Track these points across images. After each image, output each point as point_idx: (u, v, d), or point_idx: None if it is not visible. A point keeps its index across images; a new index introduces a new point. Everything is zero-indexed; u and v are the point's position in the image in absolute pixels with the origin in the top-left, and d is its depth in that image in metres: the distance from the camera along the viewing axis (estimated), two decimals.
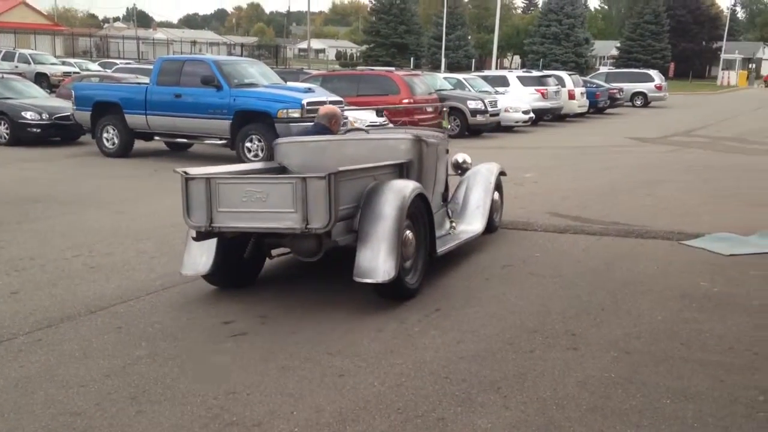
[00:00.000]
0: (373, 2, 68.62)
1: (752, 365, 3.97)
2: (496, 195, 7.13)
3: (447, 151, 6.63)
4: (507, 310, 4.94)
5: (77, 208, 8.47)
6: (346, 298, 5.20)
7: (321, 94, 12.78)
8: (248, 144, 11.88)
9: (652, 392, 3.65)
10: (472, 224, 6.61)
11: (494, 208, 7.05)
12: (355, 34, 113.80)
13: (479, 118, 17.73)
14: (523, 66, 58.85)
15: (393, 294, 5.00)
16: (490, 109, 18.02)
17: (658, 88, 32.37)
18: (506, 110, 19.05)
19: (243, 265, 5.32)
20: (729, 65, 64.03)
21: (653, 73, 33.72)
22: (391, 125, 12.56)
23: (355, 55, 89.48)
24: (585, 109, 24.72)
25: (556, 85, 22.65)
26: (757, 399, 3.57)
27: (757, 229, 7.16)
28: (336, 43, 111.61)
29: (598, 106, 26.52)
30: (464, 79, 21.18)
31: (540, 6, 76.96)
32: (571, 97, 23.29)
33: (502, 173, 7.31)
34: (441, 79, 20.02)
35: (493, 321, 4.72)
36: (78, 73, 26.21)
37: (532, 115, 19.83)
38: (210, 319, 4.79)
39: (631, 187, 10.22)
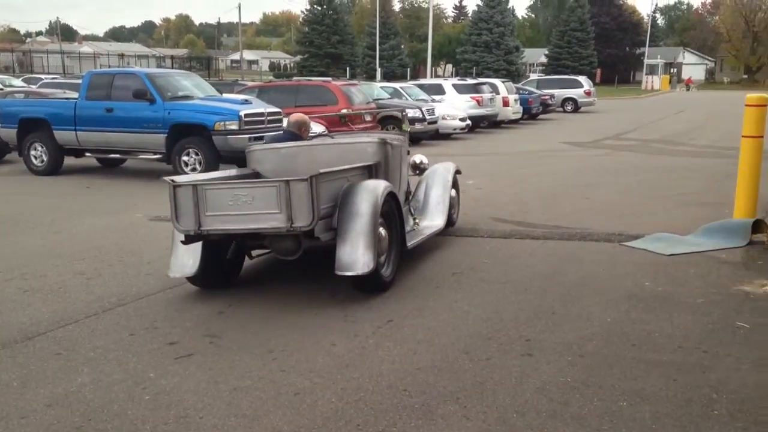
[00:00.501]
0: (305, 13, 68.50)
1: (702, 363, 4.05)
2: (453, 192, 7.55)
3: (408, 153, 7.03)
4: (460, 318, 4.91)
5: (6, 228, 8.05)
6: (296, 313, 5.08)
7: (258, 106, 12.59)
8: (185, 158, 11.58)
9: (609, 395, 3.67)
10: (434, 220, 7.07)
11: (452, 204, 7.50)
12: (288, 44, 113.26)
13: (417, 126, 17.84)
14: (456, 74, 59.64)
15: (371, 286, 5.33)
16: (427, 117, 18.15)
17: (587, 93, 33.34)
18: (443, 118, 19.22)
19: (225, 266, 5.65)
20: (652, 70, 66.58)
21: (582, 79, 34.69)
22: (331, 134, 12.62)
23: (289, 66, 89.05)
24: (519, 116, 25.22)
25: (491, 92, 23.02)
26: (711, 397, 3.63)
27: (691, 228, 7.38)
28: (269, 54, 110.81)
29: (532, 112, 27.11)
30: (401, 87, 21.30)
31: (470, 15, 78.43)
32: (506, 104, 23.72)
33: (457, 171, 7.73)
34: (378, 88, 20.06)
35: (447, 330, 4.69)
36: (1, 89, 25.09)
37: (468, 122, 20.07)
38: (154, 341, 4.60)
39: (570, 191, 10.43)
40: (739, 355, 4.14)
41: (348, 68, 59.57)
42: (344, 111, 11.10)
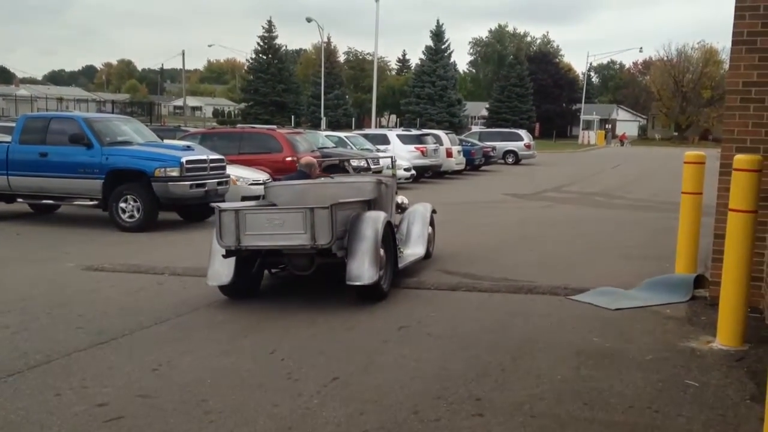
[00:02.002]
0: (250, 61, 68.75)
1: (654, 424, 3.98)
2: (430, 229, 8.95)
3: (396, 192, 8.65)
4: (408, 375, 4.75)
5: None
6: (236, 371, 4.83)
7: (200, 152, 12.36)
8: (122, 204, 11.20)
9: None
10: (416, 249, 8.51)
11: (429, 239, 8.91)
12: (232, 92, 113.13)
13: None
14: (400, 125, 60.49)
15: (373, 295, 6.72)
16: (372, 166, 18.15)
17: (527, 146, 34.21)
18: (388, 167, 19.26)
19: (251, 279, 7.00)
20: (588, 125, 69.05)
21: (522, 132, 35.66)
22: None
23: (233, 113, 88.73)
24: (462, 167, 25.60)
25: (435, 143, 23.34)
26: None
27: (634, 282, 7.45)
28: (213, 101, 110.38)
29: (474, 163, 27.57)
30: (345, 137, 21.36)
31: (413, 68, 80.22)
32: (449, 155, 24.05)
33: (433, 211, 9.17)
34: (323, 137, 20.07)
35: (395, 388, 4.51)
36: None
37: (413, 172, 20.22)
38: (82, 402, 4.27)
39: (515, 242, 10.51)
40: (690, 414, 4.10)
41: (293, 116, 59.78)
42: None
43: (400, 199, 8.85)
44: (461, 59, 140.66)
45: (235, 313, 6.37)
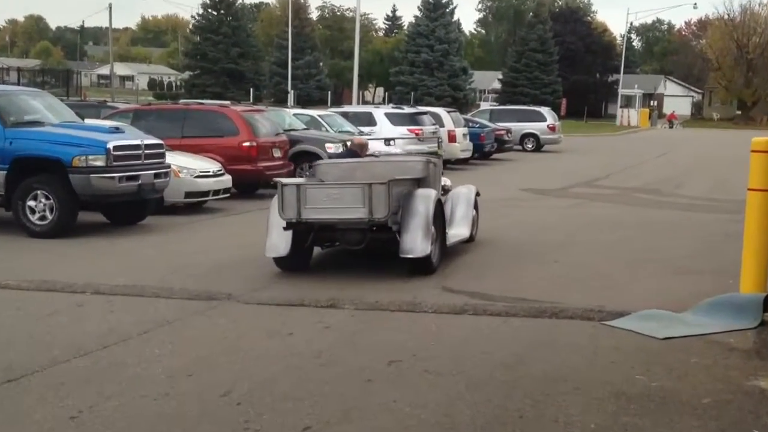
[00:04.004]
0: (197, 19, 68.56)
1: None
2: (473, 212, 10.81)
3: (442, 173, 10.59)
4: (400, 424, 4.75)
5: None
6: (174, 420, 4.79)
7: (133, 136, 12.31)
8: (31, 203, 11.13)
9: None
10: (461, 230, 10.39)
11: (473, 222, 10.76)
12: (173, 57, 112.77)
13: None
14: (389, 100, 60.47)
15: (424, 268, 8.78)
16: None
17: (551, 128, 34.36)
18: (374, 155, 19.27)
19: (304, 253, 9.15)
20: (628, 102, 69.33)
21: (545, 111, 35.80)
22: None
23: (174, 84, 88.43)
24: (469, 154, 25.66)
25: (433, 124, 23.37)
26: None
27: (688, 302, 7.48)
28: (148, 69, 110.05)
29: (484, 150, 27.63)
30: (320, 116, 21.36)
31: (406, 28, 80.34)
32: (452, 139, 24.08)
33: (477, 194, 11.09)
34: (291, 116, 20.05)
35: None
36: None
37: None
38: None
39: (535, 251, 10.52)
40: None
41: (252, 90, 59.64)
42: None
43: (443, 181, 10.65)
44: (467, 17, 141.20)
45: (177, 343, 6.34)
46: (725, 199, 16.99)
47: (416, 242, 8.58)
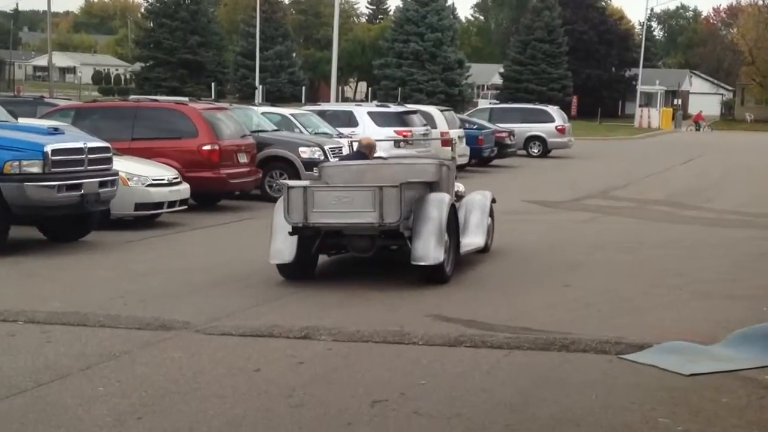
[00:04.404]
0: (150, 1, 68.45)
1: None
2: (489, 220, 11.56)
3: (456, 177, 11.46)
4: None
5: None
6: None
7: (74, 138, 12.26)
8: None
9: None
10: (475, 239, 11.11)
11: (488, 231, 11.52)
12: (122, 46, 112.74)
13: (317, 173, 17.83)
14: (373, 97, 60.60)
15: (437, 276, 9.53)
16: (332, 158, 18.16)
17: (560, 131, 34.52)
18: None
19: (309, 261, 9.84)
20: (648, 100, 69.74)
21: (552, 110, 35.96)
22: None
23: (124, 78, 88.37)
24: (466, 160, 25.70)
25: (424, 125, 23.43)
26: None
27: (718, 334, 7.52)
28: (93, 59, 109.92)
29: (483, 155, 27.72)
30: (292, 115, 21.35)
31: (392, 14, 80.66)
32: (446, 143, 24.11)
33: (493, 200, 11.86)
34: (259, 116, 20.03)
35: None
36: None
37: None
38: None
39: (542, 274, 10.55)
40: None
41: (214, 84, 59.56)
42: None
43: (456, 186, 11.37)
44: (464, 1, 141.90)
45: (125, 380, 6.30)
46: (760, 213, 17.10)
47: (429, 249, 9.27)
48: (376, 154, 12.21)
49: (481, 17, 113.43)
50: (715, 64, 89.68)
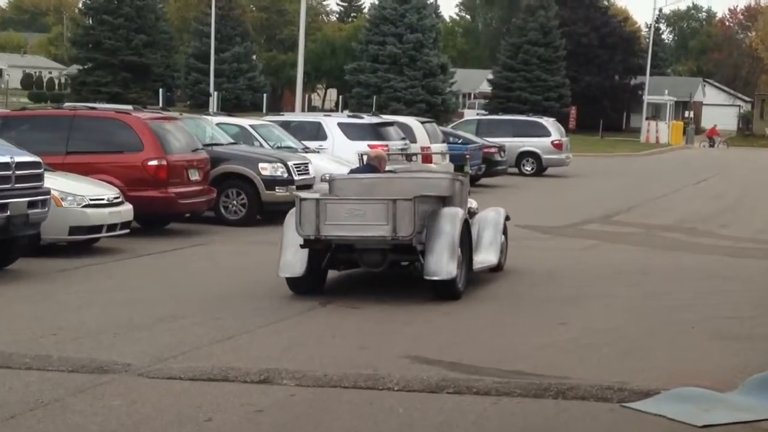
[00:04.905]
0: None
1: None
2: (502, 237, 12.64)
3: (468, 192, 12.62)
4: None
5: None
6: None
7: (0, 151, 12.16)
8: None
9: None
10: (488, 257, 12.14)
11: (502, 248, 12.55)
12: (57, 45, 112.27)
13: (279, 192, 17.82)
14: (344, 106, 60.70)
15: (449, 292, 10.64)
16: (297, 176, 18.16)
17: (557, 146, 34.62)
18: (324, 179, 19.28)
19: (318, 275, 11.01)
20: (656, 112, 70.30)
21: (548, 122, 36.08)
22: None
23: (58, 82, 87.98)
24: None
25: (403, 139, 23.44)
26: None
27: (735, 379, 7.53)
28: (24, 61, 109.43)
29: (470, 173, 27.70)
30: (252, 126, 21.31)
31: (366, 12, 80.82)
32: (427, 159, 24.13)
33: (507, 218, 12.99)
34: (213, 127, 19.98)
35: None
36: None
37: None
38: None
39: (536, 309, 10.60)
40: None
41: (162, 90, 59.52)
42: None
43: (469, 203, 12.51)
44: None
45: (55, 431, 6.25)
46: None
47: (442, 264, 10.36)
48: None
49: (468, 16, 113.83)
50: (731, 71, 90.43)
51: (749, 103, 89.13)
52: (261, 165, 17.79)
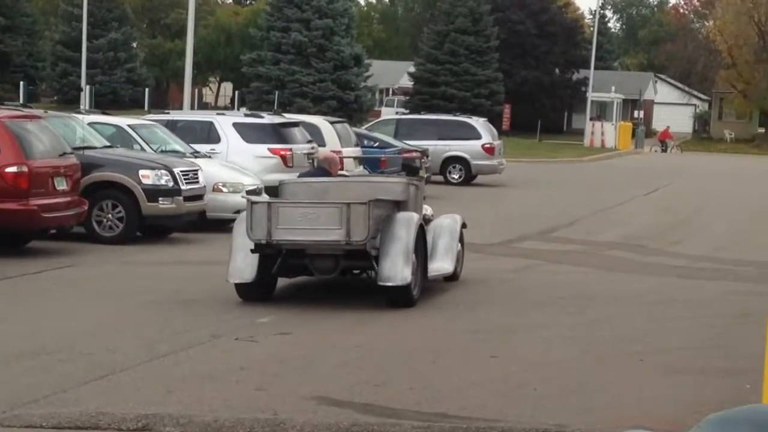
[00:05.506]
0: None
1: None
2: (458, 246, 13.72)
3: (424, 198, 13.71)
4: None
5: None
6: None
7: None
8: None
9: None
10: (444, 264, 13.24)
11: (458, 257, 13.68)
12: None
13: (163, 204, 17.67)
14: (242, 103, 60.34)
15: (403, 298, 11.73)
16: (184, 186, 18.02)
17: (489, 150, 34.76)
18: (217, 188, 19.18)
19: (269, 282, 12.09)
20: (602, 111, 70.88)
21: (478, 123, 36.22)
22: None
23: None
24: None
25: (309, 142, 23.40)
26: None
27: (688, 418, 7.62)
28: None
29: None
30: (131, 126, 21.10)
31: None
32: (337, 165, 24.17)
33: (463, 225, 14.04)
34: (85, 127, 19.74)
35: None
36: None
37: (265, 197, 20.16)
38: None
39: (463, 341, 10.63)
40: None
41: (23, 83, 58.59)
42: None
43: (425, 208, 13.58)
44: None
45: None
46: (741, 260, 17.55)
47: (396, 269, 11.42)
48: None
49: (386, 0, 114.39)
50: (685, 66, 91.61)
51: (706, 101, 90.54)
52: (142, 172, 17.60)
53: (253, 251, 11.56)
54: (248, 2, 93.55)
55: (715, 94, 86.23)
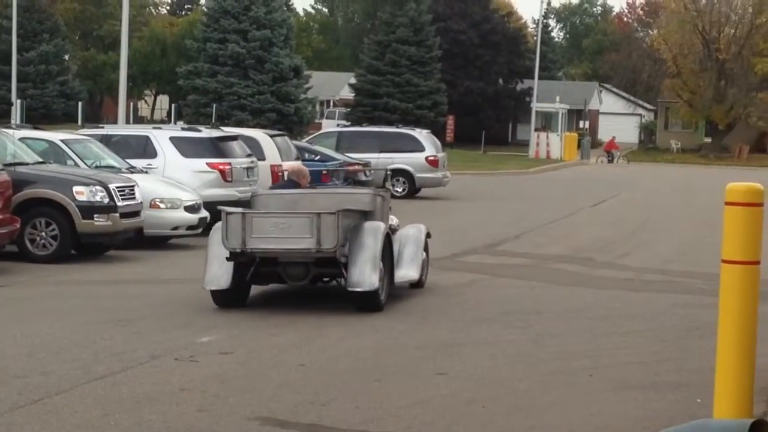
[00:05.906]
0: None
1: None
2: (423, 254, 14.69)
3: (390, 208, 14.67)
4: None
5: None
6: None
7: None
8: None
9: None
10: (409, 272, 14.27)
11: (423, 265, 14.69)
12: None
13: (98, 221, 17.55)
14: (178, 117, 59.94)
15: (371, 303, 12.81)
16: (120, 202, 17.91)
17: (432, 162, 34.86)
18: (154, 205, 19.07)
19: (243, 288, 13.14)
20: (547, 122, 71.36)
21: (421, 135, 36.33)
22: None
23: None
24: None
25: (248, 156, 23.34)
26: None
27: None
28: None
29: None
30: (64, 141, 20.94)
31: (204, 3, 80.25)
32: (277, 178, 24.08)
33: (428, 235, 15.02)
34: (15, 142, 19.56)
35: None
36: None
37: (204, 214, 20.08)
38: None
39: (407, 358, 10.63)
40: None
41: None
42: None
43: (391, 219, 14.56)
44: None
45: None
46: (689, 272, 17.68)
47: (364, 275, 12.47)
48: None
49: (325, 10, 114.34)
50: (630, 75, 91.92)
51: (651, 111, 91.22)
52: (76, 189, 17.47)
53: (228, 259, 12.54)
54: (184, 13, 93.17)
55: (660, 104, 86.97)
